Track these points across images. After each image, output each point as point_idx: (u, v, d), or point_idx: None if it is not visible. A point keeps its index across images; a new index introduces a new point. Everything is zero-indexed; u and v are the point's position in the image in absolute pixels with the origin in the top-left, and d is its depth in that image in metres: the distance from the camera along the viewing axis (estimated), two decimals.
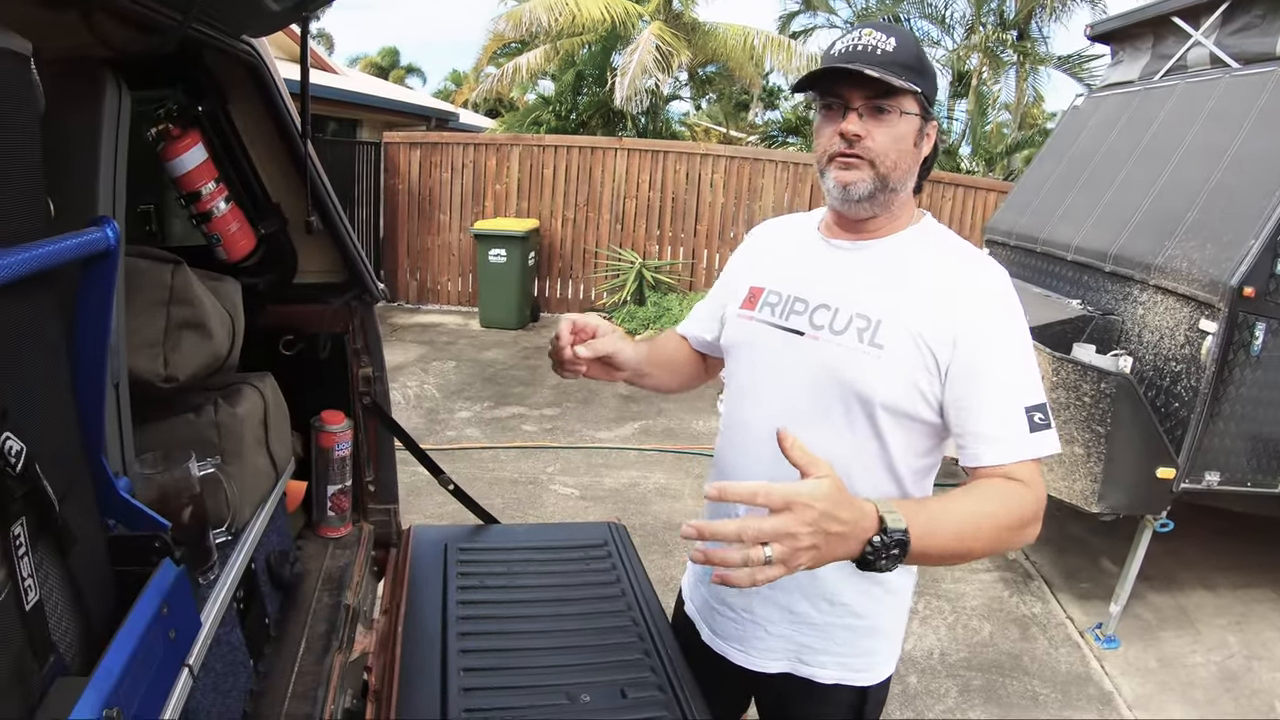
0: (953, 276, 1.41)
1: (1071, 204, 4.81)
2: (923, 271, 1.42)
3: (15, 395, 0.89)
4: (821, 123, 1.42)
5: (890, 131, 1.36)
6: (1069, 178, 5.03)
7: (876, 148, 1.37)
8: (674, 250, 10.08)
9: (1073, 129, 5.43)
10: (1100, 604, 4.09)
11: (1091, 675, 3.61)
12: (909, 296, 1.40)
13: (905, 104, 1.36)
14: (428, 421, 6.20)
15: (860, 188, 1.39)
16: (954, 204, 9.52)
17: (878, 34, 1.36)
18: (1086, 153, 5.03)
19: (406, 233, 10.21)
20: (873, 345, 1.39)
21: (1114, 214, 4.35)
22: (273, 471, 1.90)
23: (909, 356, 1.38)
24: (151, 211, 2.10)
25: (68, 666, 0.99)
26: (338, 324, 2.27)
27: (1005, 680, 3.53)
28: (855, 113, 1.36)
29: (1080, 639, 3.89)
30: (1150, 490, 3.54)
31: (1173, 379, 3.65)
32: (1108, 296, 4.20)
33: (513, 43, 14.55)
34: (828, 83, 1.38)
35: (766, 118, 18.90)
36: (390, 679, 1.64)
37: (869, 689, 1.58)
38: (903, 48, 1.35)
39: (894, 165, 1.38)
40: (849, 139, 1.37)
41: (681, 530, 1.03)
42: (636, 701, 1.57)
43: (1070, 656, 3.74)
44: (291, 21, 1.65)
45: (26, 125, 0.94)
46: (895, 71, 1.32)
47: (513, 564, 2.01)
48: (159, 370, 1.52)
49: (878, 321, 1.40)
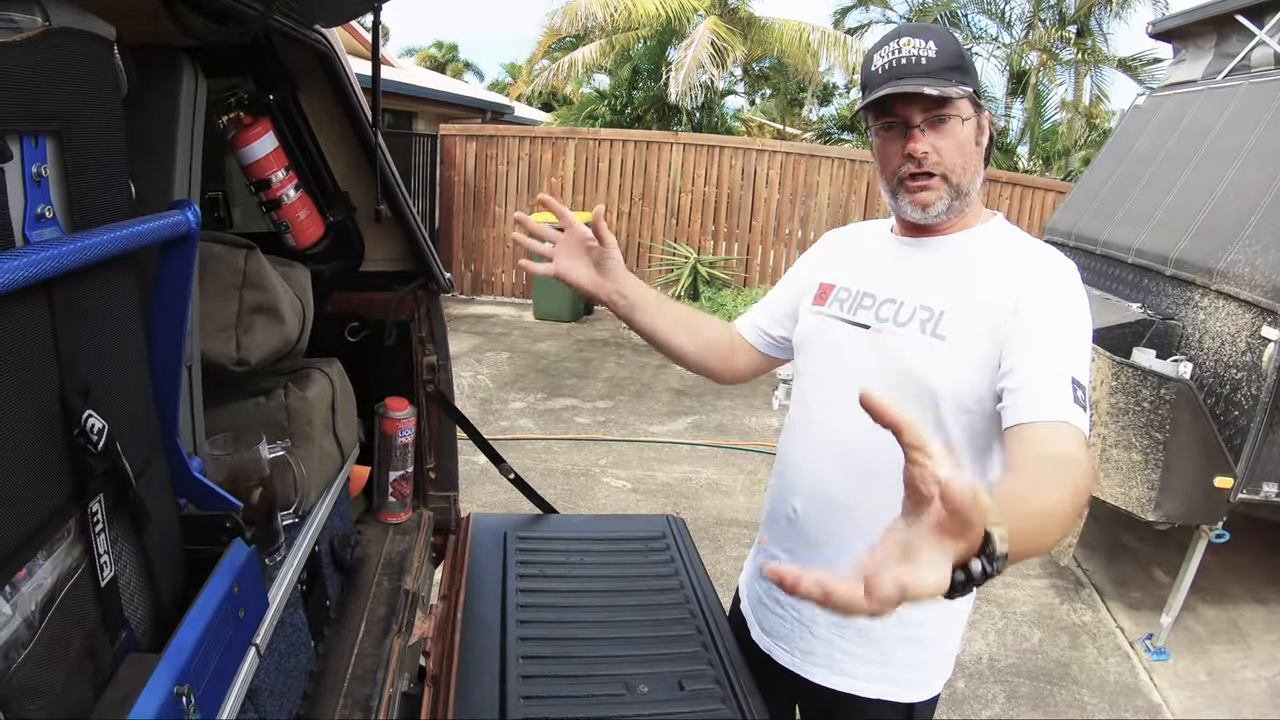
0: (1019, 264, 1.38)
1: (1132, 206, 4.71)
2: (990, 263, 1.40)
3: (98, 374, 0.91)
4: (883, 144, 1.40)
5: (955, 141, 1.34)
6: (1129, 179, 4.92)
7: (946, 161, 1.35)
8: (728, 246, 10.04)
9: (1133, 129, 5.31)
10: (1151, 614, 4.01)
11: (1140, 687, 3.54)
12: (974, 287, 1.38)
13: (962, 109, 1.34)
14: (481, 412, 6.25)
15: (938, 206, 1.38)
16: (1011, 203, 9.35)
17: (915, 40, 1.33)
18: (1147, 154, 4.92)
19: (461, 224, 10.31)
20: (935, 336, 1.38)
21: (1175, 217, 4.25)
22: (339, 456, 1.92)
23: (972, 347, 1.35)
24: (220, 198, 2.14)
25: (138, 642, 1.01)
26: (403, 312, 2.29)
27: (1053, 688, 3.47)
28: (918, 130, 1.34)
29: (1130, 649, 3.81)
30: (1207, 500, 3.46)
31: (1233, 386, 3.56)
32: (1168, 301, 4.10)
33: (567, 37, 14.59)
34: (883, 102, 1.35)
35: (821, 114, 18.75)
36: (448, 664, 1.65)
37: (915, 705, 1.53)
38: (943, 50, 1.32)
39: (963, 172, 1.37)
40: (918, 159, 1.35)
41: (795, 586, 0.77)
42: (694, 694, 1.57)
43: (1119, 667, 3.67)
44: (365, 11, 1.66)
45: (110, 108, 0.96)
46: (946, 77, 1.31)
47: (571, 554, 2.01)
48: (231, 353, 1.55)
49: (940, 313, 1.39)
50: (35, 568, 0.80)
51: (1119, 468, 3.57)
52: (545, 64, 15.34)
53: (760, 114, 19.20)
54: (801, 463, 1.56)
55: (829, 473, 1.50)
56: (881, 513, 1.46)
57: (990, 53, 15.19)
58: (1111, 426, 3.55)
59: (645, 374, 7.36)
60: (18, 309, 0.77)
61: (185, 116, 1.38)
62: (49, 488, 0.83)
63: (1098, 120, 14.33)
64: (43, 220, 0.82)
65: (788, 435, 1.64)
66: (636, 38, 13.53)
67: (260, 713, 1.34)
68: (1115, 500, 3.62)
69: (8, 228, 0.77)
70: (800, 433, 1.59)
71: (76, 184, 0.87)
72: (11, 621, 0.75)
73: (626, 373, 7.43)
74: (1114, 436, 3.55)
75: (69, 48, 0.84)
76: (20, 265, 0.71)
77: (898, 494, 1.40)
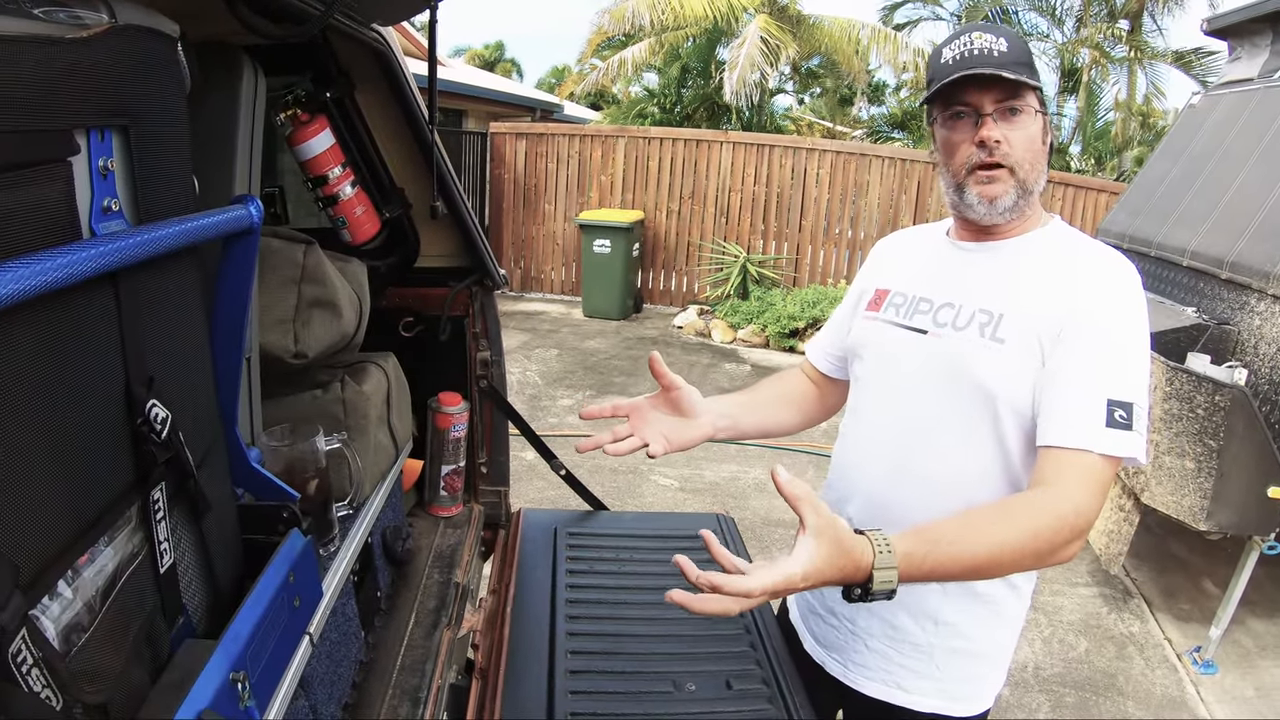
0: (1079, 268, 1.35)
1: (1187, 207, 4.59)
2: (1049, 266, 1.37)
3: (161, 365, 0.93)
4: (949, 135, 1.37)
5: (1025, 133, 1.32)
6: (1184, 179, 4.80)
7: (1015, 154, 1.32)
8: (778, 245, 9.98)
9: (1188, 128, 5.18)
10: (1199, 626, 3.92)
11: (1186, 700, 3.45)
12: (1032, 290, 1.35)
13: (1033, 102, 1.32)
14: (530, 408, 6.28)
15: (1005, 200, 1.34)
16: (1064, 204, 9.17)
17: (987, 35, 1.31)
18: (1203, 153, 4.79)
19: (511, 221, 10.39)
20: (994, 340, 1.35)
21: (1231, 218, 4.13)
22: (393, 449, 1.94)
23: (1029, 351, 1.32)
24: (276, 194, 2.17)
25: (195, 628, 1.03)
26: (458, 307, 2.31)
27: (1098, 699, 3.40)
28: (989, 118, 1.31)
29: (1177, 662, 3.73)
30: (1260, 510, 3.37)
31: None
32: (1223, 305, 3.99)
33: (616, 36, 14.63)
34: (953, 90, 1.33)
35: (871, 113, 18.58)
36: (497, 657, 1.66)
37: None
38: (1014, 46, 1.31)
39: (1031, 168, 1.34)
40: (989, 146, 1.32)
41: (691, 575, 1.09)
42: (741, 693, 1.55)
43: (1166, 679, 3.59)
44: (422, 8, 1.68)
45: (175, 104, 0.97)
46: (1019, 70, 1.29)
47: (621, 550, 2.01)
48: (289, 346, 1.57)
49: (999, 316, 1.36)
50: (97, 553, 0.81)
51: (1171, 475, 3.50)
52: (594, 63, 15.39)
53: (810, 112, 19.10)
54: (856, 469, 1.55)
55: (884, 479, 1.49)
56: (936, 518, 1.45)
57: (1041, 50, 14.93)
58: (1164, 433, 3.47)
59: (694, 373, 7.34)
60: (85, 299, 0.78)
61: (246, 113, 1.40)
62: (112, 475, 0.84)
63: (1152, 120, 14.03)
64: (109, 213, 0.84)
65: (842, 441, 1.63)
66: (686, 36, 13.51)
67: (311, 700, 1.36)
68: (1166, 508, 3.55)
69: (75, 220, 0.78)
70: (855, 439, 1.57)
71: (142, 178, 0.89)
72: (73, 605, 0.76)
73: (675, 371, 7.35)
74: (1167, 443, 3.47)
75: (134, 44, 0.86)
76: (87, 257, 0.73)
77: (953, 500, 1.40)
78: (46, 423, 0.73)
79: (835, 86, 16.63)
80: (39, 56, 0.70)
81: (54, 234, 0.75)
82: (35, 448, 0.71)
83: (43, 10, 0.73)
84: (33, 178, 0.72)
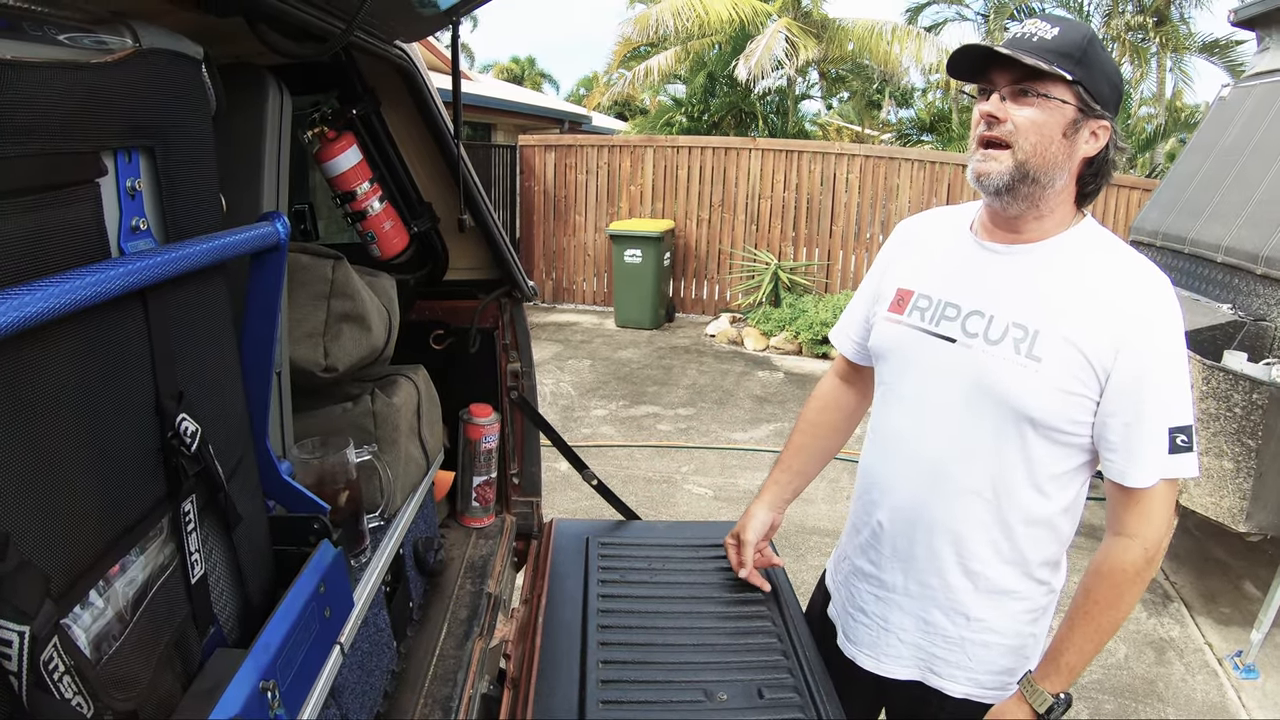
0: (1115, 285, 1.34)
1: (1220, 202, 4.51)
2: (1084, 279, 1.35)
3: (191, 379, 0.95)
4: (976, 109, 1.38)
5: (1030, 115, 1.31)
6: (1217, 173, 4.72)
7: (1018, 134, 1.32)
8: (809, 251, 9.94)
9: (1220, 121, 5.10)
10: (1240, 630, 3.85)
11: (1228, 705, 3.38)
12: (1069, 306, 1.34)
13: (1053, 89, 1.30)
14: (563, 419, 6.30)
15: (995, 179, 1.34)
16: (1096, 203, 9.03)
17: (1043, 23, 1.32)
18: (1234, 147, 4.71)
19: (541, 233, 10.44)
20: (1030, 358, 1.34)
21: (1266, 212, 4.06)
22: (424, 460, 1.95)
23: (1067, 370, 1.32)
24: (306, 210, 2.20)
25: (225, 638, 1.04)
26: (487, 319, 2.33)
27: (1138, 705, 3.34)
28: (998, 94, 1.32)
29: (1218, 666, 3.65)
30: None
31: None
32: (1259, 301, 3.92)
33: (642, 46, 14.67)
34: (982, 68, 1.34)
35: (899, 116, 18.46)
36: (529, 667, 1.66)
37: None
38: (1065, 36, 1.30)
39: (1032, 151, 1.31)
40: (989, 121, 1.33)
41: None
42: (773, 702, 1.55)
43: (1207, 685, 3.51)
44: (443, 25, 1.70)
45: (200, 125, 0.99)
46: (1047, 58, 1.27)
47: (653, 560, 2.01)
48: (319, 360, 1.59)
49: (1035, 332, 1.35)
50: (128, 564, 0.83)
51: (1210, 476, 3.43)
52: (622, 73, 15.45)
53: (837, 117, 19.02)
54: (888, 479, 1.55)
55: (917, 490, 1.49)
56: (970, 528, 1.46)
57: None
58: (1202, 433, 3.41)
59: (727, 381, 7.33)
60: (115, 317, 0.80)
61: (272, 131, 1.42)
62: (143, 487, 0.86)
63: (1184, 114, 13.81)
64: (137, 232, 0.86)
65: (872, 449, 1.62)
66: (711, 44, 13.53)
67: (342, 709, 1.37)
68: (1205, 510, 3.48)
69: (104, 239, 0.80)
70: (885, 449, 1.57)
71: (169, 197, 0.91)
72: (104, 614, 0.78)
73: (708, 380, 7.42)
74: (1205, 443, 3.40)
75: (159, 67, 0.88)
76: (116, 275, 0.75)
77: (982, 512, 1.41)
78: (77, 436, 0.75)
79: (863, 90, 16.54)
80: (66, 81, 0.72)
81: (84, 253, 0.77)
82: (66, 461, 0.73)
83: (68, 36, 0.75)
84: (63, 199, 0.74)
